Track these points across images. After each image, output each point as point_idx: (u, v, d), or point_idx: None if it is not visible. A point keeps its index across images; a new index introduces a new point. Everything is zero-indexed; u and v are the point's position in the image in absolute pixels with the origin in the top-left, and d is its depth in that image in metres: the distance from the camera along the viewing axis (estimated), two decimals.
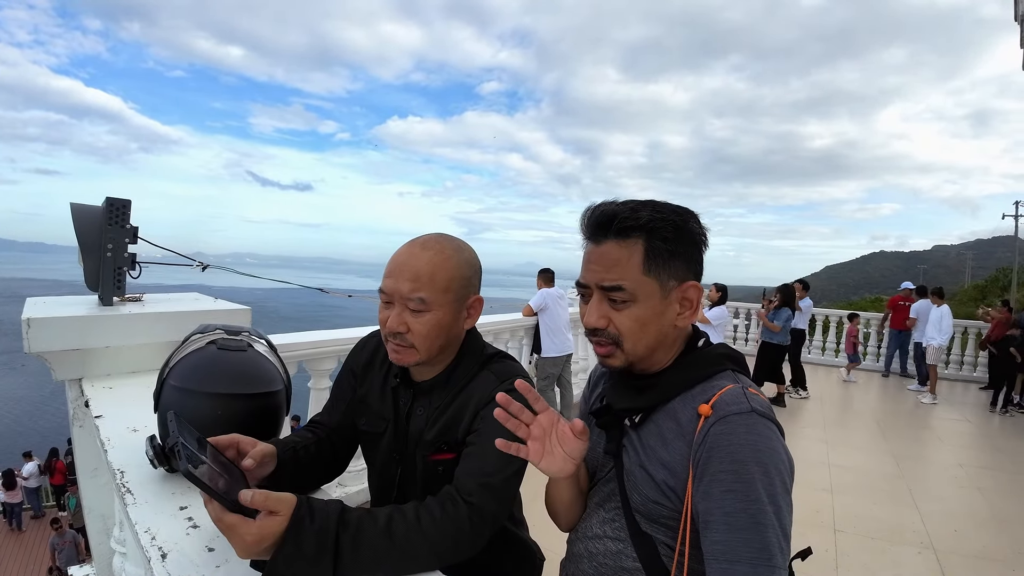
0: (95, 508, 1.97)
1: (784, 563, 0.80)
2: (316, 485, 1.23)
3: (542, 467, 0.95)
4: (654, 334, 0.96)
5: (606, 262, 0.94)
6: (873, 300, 27.28)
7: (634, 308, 0.93)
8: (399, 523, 0.92)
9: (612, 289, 0.93)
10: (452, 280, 1.11)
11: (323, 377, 3.33)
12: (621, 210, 0.94)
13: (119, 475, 1.17)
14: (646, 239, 0.93)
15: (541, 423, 0.94)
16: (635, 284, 0.92)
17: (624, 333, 0.94)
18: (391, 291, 1.09)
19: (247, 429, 1.08)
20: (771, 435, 0.86)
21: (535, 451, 0.93)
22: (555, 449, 0.94)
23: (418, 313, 1.09)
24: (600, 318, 0.95)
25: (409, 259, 1.10)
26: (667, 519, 0.93)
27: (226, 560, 0.89)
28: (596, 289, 0.95)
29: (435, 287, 1.09)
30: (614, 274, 0.93)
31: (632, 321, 0.94)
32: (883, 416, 7.21)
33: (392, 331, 1.10)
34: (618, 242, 0.93)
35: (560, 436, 0.94)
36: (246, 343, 1.31)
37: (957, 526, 4.11)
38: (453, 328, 1.14)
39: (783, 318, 7.42)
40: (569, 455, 0.94)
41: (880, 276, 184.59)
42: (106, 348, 1.86)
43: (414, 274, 1.08)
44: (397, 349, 1.12)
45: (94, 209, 1.98)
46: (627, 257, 0.93)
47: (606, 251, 0.94)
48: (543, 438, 0.94)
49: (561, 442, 0.94)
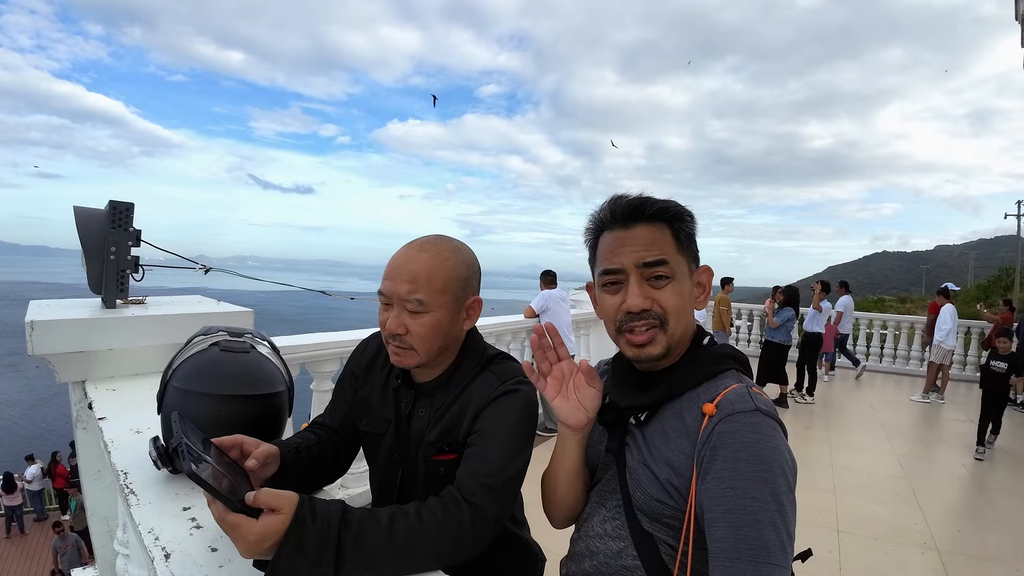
0: (98, 510, 1.98)
1: (787, 562, 0.79)
2: (319, 486, 1.24)
3: (555, 404, 1.02)
4: (689, 315, 1.00)
5: (643, 241, 0.96)
6: (876, 300, 27.25)
7: (674, 285, 0.96)
8: (401, 523, 0.92)
9: (655, 264, 0.95)
10: (449, 281, 1.11)
11: (325, 379, 3.34)
12: (648, 198, 0.98)
13: (122, 476, 1.17)
14: (671, 224, 0.97)
15: (562, 368, 1.02)
16: (674, 260, 0.96)
17: (669, 311, 0.96)
18: (389, 293, 1.10)
19: (250, 430, 1.09)
20: (775, 434, 0.87)
21: (552, 387, 1.02)
22: (571, 394, 1.02)
23: (416, 315, 1.09)
24: (645, 299, 0.96)
25: (407, 261, 1.11)
26: (669, 518, 0.93)
27: (229, 560, 0.89)
28: (635, 270, 0.96)
29: (432, 288, 1.09)
30: (656, 249, 0.96)
31: (675, 297, 0.96)
32: (887, 417, 7.19)
33: (391, 333, 1.11)
34: (648, 225, 0.97)
35: (577, 385, 1.02)
36: (249, 345, 1.32)
37: (960, 526, 4.10)
38: (452, 329, 1.15)
39: (783, 317, 7.53)
40: (582, 403, 1.00)
41: (883, 276, 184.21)
42: (109, 350, 1.87)
43: (411, 276, 1.09)
44: (397, 351, 1.13)
45: (97, 212, 1.99)
46: (661, 236, 0.97)
47: (640, 233, 0.97)
48: (561, 381, 1.02)
49: (577, 391, 1.02)
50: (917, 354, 10.27)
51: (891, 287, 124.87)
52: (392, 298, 1.10)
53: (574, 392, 1.01)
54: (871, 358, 10.62)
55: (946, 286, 8.91)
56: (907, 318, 11.28)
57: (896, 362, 10.44)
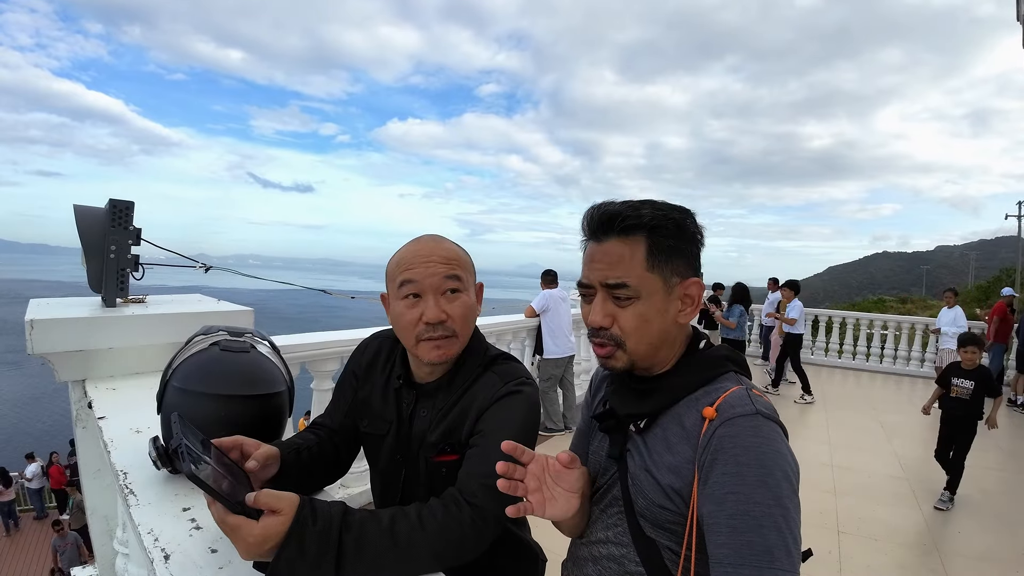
0: (98, 509, 1.97)
1: (793, 566, 0.78)
2: (319, 487, 1.23)
3: (549, 515, 0.93)
4: (657, 332, 0.95)
5: (609, 259, 0.93)
6: (876, 301, 27.22)
7: (637, 305, 0.93)
8: (402, 524, 0.92)
9: (616, 286, 0.92)
10: (470, 264, 1.19)
11: (326, 378, 3.34)
12: (623, 209, 0.93)
13: (122, 476, 1.17)
14: (648, 236, 0.93)
15: (533, 472, 0.92)
16: (639, 281, 0.92)
17: (627, 332, 0.94)
18: (423, 277, 1.09)
19: (250, 430, 1.08)
20: (776, 437, 0.86)
21: (538, 504, 0.91)
22: (555, 491, 0.93)
23: (454, 295, 1.12)
24: (605, 317, 0.94)
25: (434, 247, 1.13)
26: (671, 523, 0.92)
27: (229, 561, 0.88)
28: (600, 287, 0.95)
29: (465, 268, 1.15)
30: (618, 271, 0.92)
31: (636, 319, 0.93)
32: (887, 417, 7.19)
33: (434, 321, 1.09)
34: (621, 240, 0.93)
35: (554, 475, 0.93)
36: (249, 344, 1.31)
37: (961, 527, 4.10)
38: (476, 311, 1.18)
39: (736, 314, 8.21)
40: (568, 490, 0.94)
41: (883, 277, 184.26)
42: (109, 349, 1.87)
43: (445, 257, 1.12)
44: (440, 343, 1.11)
45: (97, 211, 1.98)
46: (630, 254, 0.92)
47: (609, 249, 0.94)
48: (540, 487, 0.92)
49: (557, 480, 0.93)
50: (917, 355, 10.27)
51: (892, 287, 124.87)
52: (425, 285, 1.09)
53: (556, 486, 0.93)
54: (871, 359, 10.62)
55: (950, 288, 8.93)
56: (907, 319, 11.29)
57: (896, 363, 10.43)
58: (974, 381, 4.56)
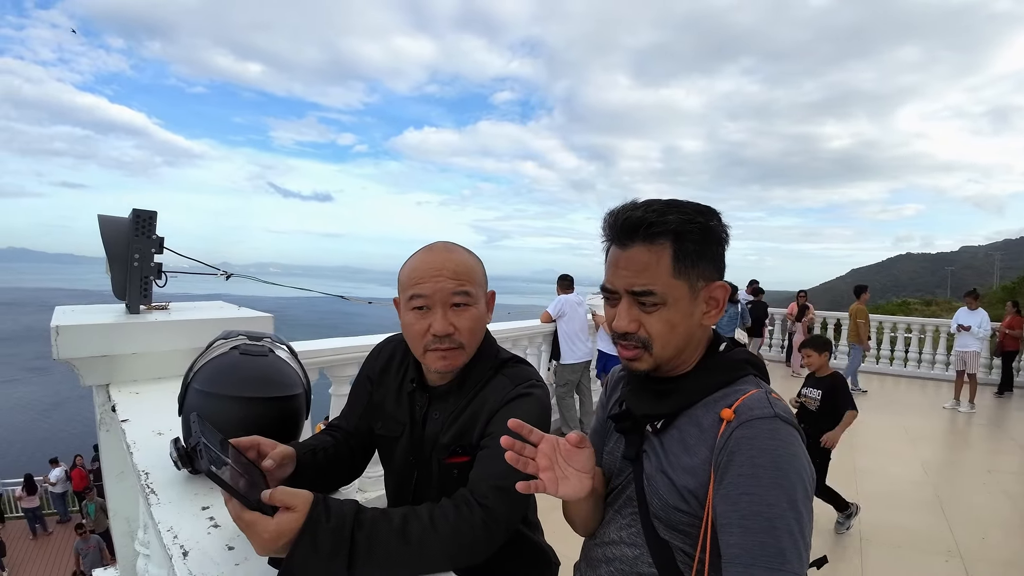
0: (120, 511, 2.01)
1: (803, 570, 0.79)
2: (334, 487, 1.25)
3: (561, 494, 0.92)
4: (683, 335, 0.95)
5: (635, 266, 0.92)
6: (900, 303, 26.75)
7: (664, 311, 0.92)
8: (414, 524, 0.93)
9: (643, 294, 0.92)
10: (481, 275, 1.18)
11: (344, 383, 3.37)
12: (648, 215, 0.92)
13: (144, 476, 1.20)
14: (674, 242, 0.91)
15: (544, 451, 0.91)
16: (665, 288, 0.91)
17: (654, 336, 0.94)
18: (432, 292, 1.11)
19: (268, 431, 1.11)
20: (793, 441, 0.86)
21: (550, 481, 0.90)
22: (567, 471, 0.92)
23: (462, 308, 1.12)
24: (631, 322, 0.94)
25: (445, 260, 1.13)
26: (686, 525, 0.92)
27: (245, 558, 0.90)
28: (625, 294, 0.94)
29: (474, 281, 1.15)
30: (644, 278, 0.91)
31: (662, 324, 0.93)
32: (911, 422, 7.06)
33: (440, 334, 1.11)
34: (647, 246, 0.92)
35: (565, 455, 0.92)
36: (268, 348, 1.34)
37: (985, 533, 4.01)
38: (485, 322, 1.19)
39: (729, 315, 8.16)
40: (580, 470, 0.92)
41: (907, 279, 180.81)
42: (133, 355, 1.91)
43: (454, 271, 1.12)
44: (446, 354, 1.13)
45: (121, 221, 2.03)
46: (656, 261, 0.91)
47: (634, 255, 0.92)
48: (551, 466, 0.91)
49: (568, 461, 0.92)
50: (942, 358, 10.08)
51: (916, 289, 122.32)
52: (434, 298, 1.11)
53: (568, 466, 0.92)
54: (895, 363, 10.44)
55: (971, 290, 8.77)
56: (931, 321, 11.07)
57: (921, 366, 10.24)
58: (822, 391, 3.92)
